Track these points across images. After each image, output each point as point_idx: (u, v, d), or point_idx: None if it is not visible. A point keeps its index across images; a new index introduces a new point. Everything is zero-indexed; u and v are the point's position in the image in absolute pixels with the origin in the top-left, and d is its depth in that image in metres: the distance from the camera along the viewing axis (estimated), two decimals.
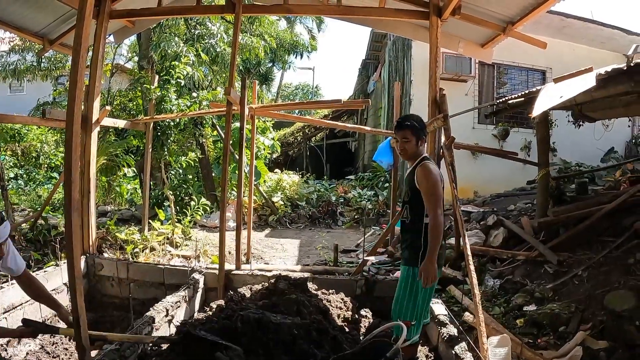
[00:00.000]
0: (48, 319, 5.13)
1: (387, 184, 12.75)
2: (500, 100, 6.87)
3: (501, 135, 12.02)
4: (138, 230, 7.74)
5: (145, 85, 8.74)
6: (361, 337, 4.12)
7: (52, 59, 12.02)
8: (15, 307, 4.73)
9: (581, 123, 7.85)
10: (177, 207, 8.99)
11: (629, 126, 12.49)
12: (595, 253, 5.76)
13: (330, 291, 4.84)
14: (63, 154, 11.62)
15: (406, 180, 3.78)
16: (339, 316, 4.40)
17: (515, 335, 4.50)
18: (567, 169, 10.67)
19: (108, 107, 6.33)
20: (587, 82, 4.59)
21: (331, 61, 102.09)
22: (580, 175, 9.55)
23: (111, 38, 7.72)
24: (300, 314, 3.82)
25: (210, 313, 4.30)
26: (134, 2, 6.34)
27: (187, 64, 9.53)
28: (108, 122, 6.77)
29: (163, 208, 9.17)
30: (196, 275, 5.48)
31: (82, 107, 6.43)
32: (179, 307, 4.75)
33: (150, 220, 7.92)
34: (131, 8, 6.25)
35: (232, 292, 4.70)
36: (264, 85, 21.43)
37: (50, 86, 14.06)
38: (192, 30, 10.81)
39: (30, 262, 6.37)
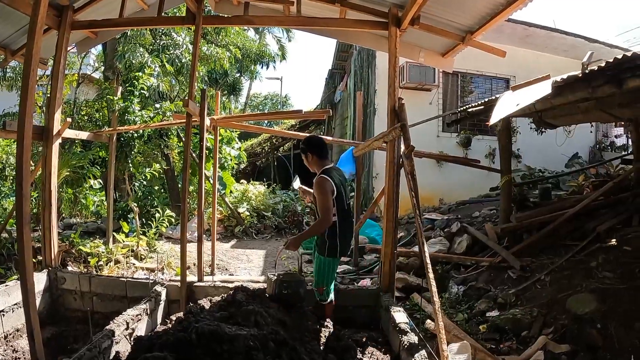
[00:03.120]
0: (10, 334, 5.02)
1: (352, 193, 12.75)
2: (462, 108, 6.97)
3: (463, 143, 12.19)
4: (103, 243, 7.62)
5: (108, 96, 8.65)
6: (321, 347, 4.11)
7: (17, 69, 11.81)
8: None
9: (543, 130, 8.01)
10: (142, 219, 8.88)
11: (591, 132, 12.82)
12: (559, 257, 5.86)
13: None
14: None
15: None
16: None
17: (478, 341, 4.54)
18: (531, 175, 10.86)
19: (69, 119, 6.24)
20: (544, 89, 4.67)
21: (300, 71, 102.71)
22: (543, 181, 9.73)
23: (75, 48, 7.64)
24: (257, 324, 3.79)
25: (170, 326, 4.25)
26: (96, 12, 6.28)
27: (152, 74, 9.45)
28: (70, 133, 6.66)
29: (128, 220, 9.05)
30: (158, 288, 5.40)
31: (42, 118, 6.34)
32: (140, 320, 4.67)
33: (115, 233, 7.82)
34: (93, 19, 6.18)
35: (191, 304, 4.65)
36: (232, 96, 21.30)
37: (15, 96, 13.82)
38: (158, 41, 10.71)
39: None
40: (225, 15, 6.48)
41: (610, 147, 13.30)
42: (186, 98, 11.29)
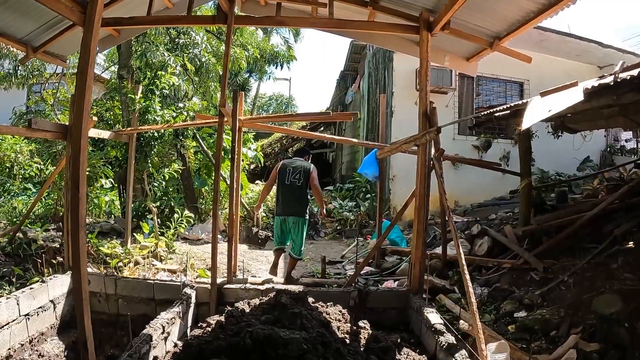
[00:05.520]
0: (35, 338, 4.99)
1: (368, 195, 12.82)
2: (487, 112, 6.99)
3: (483, 146, 12.17)
4: (120, 244, 7.58)
5: (129, 95, 8.58)
6: (362, 349, 4.13)
7: (29, 67, 11.73)
8: (2, 327, 4.53)
9: (560, 134, 8.05)
10: (160, 220, 8.84)
11: (605, 136, 12.89)
12: (579, 259, 5.90)
13: (329, 304, 4.82)
14: (38, 165, 11.35)
15: None
16: (338, 328, 4.38)
17: (509, 341, 4.57)
18: (545, 178, 10.92)
19: (95, 118, 6.20)
20: (576, 95, 4.70)
21: (306, 72, 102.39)
22: (559, 184, 9.79)
23: None
24: (304, 327, 3.80)
25: (209, 330, 4.24)
26: (121, 10, 6.23)
27: (173, 74, 9.42)
28: (92, 132, 6.63)
29: (145, 220, 9.01)
30: (188, 290, 5.38)
31: (53, 117, 6.21)
32: (174, 323, 4.66)
33: (133, 233, 7.78)
34: (119, 16, 6.12)
35: (230, 308, 4.62)
36: None
37: (21, 94, 13.76)
38: (176, 40, 10.66)
39: (12, 277, 6.16)
40: (256, 16, 6.45)
41: (621, 151, 13.35)
42: (205, 97, 11.30)
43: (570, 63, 12.64)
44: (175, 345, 4.37)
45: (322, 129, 20.00)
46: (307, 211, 7.06)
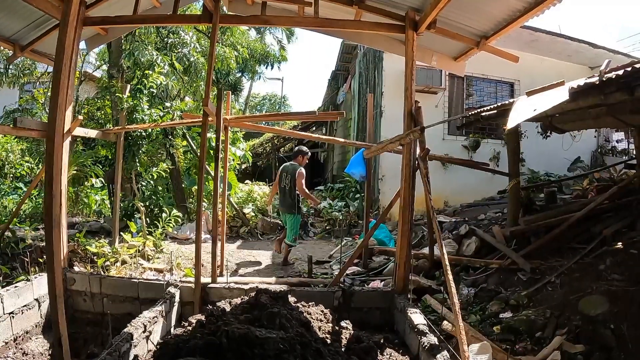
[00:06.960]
0: (20, 337, 4.96)
1: (357, 195, 12.82)
2: (474, 112, 6.98)
3: (472, 146, 12.18)
4: (108, 243, 7.55)
5: (117, 94, 8.55)
6: (343, 349, 4.11)
7: (20, 66, 11.69)
8: None
9: (549, 134, 8.05)
10: (148, 219, 8.81)
11: (595, 136, 12.88)
12: (567, 260, 5.88)
13: (310, 303, 4.79)
14: (29, 164, 11.34)
15: None
16: (320, 328, 4.35)
17: (493, 342, 4.55)
18: (535, 178, 10.92)
19: (80, 117, 6.16)
20: (561, 95, 4.68)
21: (300, 72, 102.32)
22: (548, 185, 9.79)
23: (82, 45, 7.56)
24: (283, 327, 3.78)
25: (190, 328, 4.21)
26: (108, 9, 6.20)
27: (161, 73, 9.40)
28: (79, 131, 6.58)
29: (133, 220, 8.99)
30: (172, 289, 5.35)
31: (45, 116, 6.19)
32: (156, 322, 4.62)
33: (121, 232, 7.75)
34: (106, 15, 6.07)
35: (211, 307, 4.60)
36: (233, 95, 21.32)
37: (13, 93, 13.72)
38: (165, 39, 10.64)
39: None
40: (241, 15, 6.44)
41: (612, 151, 13.37)
42: (195, 96, 11.29)
43: (562, 63, 12.67)
44: (157, 344, 4.34)
45: (313, 128, 19.96)
46: (296, 207, 8.44)
